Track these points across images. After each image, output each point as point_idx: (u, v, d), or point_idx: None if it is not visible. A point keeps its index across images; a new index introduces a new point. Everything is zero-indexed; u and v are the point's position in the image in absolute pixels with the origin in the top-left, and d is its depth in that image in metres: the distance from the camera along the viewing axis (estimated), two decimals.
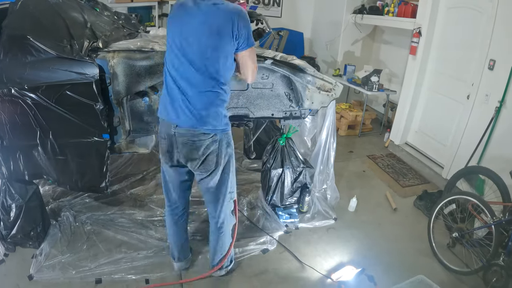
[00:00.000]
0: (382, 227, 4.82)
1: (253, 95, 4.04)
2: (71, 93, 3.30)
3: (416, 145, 6.82)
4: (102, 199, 4.78)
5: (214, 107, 2.93)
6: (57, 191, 4.83)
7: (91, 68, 3.24)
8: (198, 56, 2.80)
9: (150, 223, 4.47)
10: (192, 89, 2.87)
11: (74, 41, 3.29)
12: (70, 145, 3.56)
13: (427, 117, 6.54)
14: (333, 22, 9.16)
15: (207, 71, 2.83)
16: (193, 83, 2.86)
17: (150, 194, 5.01)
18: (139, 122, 3.74)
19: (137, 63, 3.46)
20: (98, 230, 4.28)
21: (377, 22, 8.03)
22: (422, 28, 6.17)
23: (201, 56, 2.80)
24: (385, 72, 8.11)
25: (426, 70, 6.41)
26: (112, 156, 4.54)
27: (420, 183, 6.03)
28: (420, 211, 5.20)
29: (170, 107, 2.96)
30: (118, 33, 4.06)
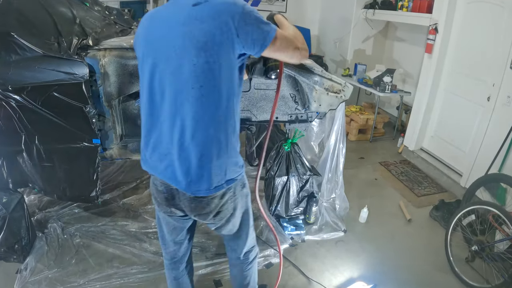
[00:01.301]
0: (396, 239, 4.80)
1: (255, 96, 4.04)
2: (59, 94, 3.30)
3: (432, 151, 6.81)
4: (92, 210, 4.77)
5: (225, 157, 2.31)
6: (44, 200, 4.83)
7: (80, 67, 3.24)
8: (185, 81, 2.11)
9: (144, 235, 4.46)
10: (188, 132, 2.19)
11: (62, 38, 3.29)
12: (57, 151, 3.55)
13: (444, 121, 6.52)
14: (342, 17, 9.16)
15: (206, 100, 2.12)
16: (187, 124, 2.17)
17: (144, 204, 5.00)
18: (132, 126, 3.73)
19: (130, 62, 3.45)
20: (88, 243, 4.27)
21: (390, 17, 8.01)
22: (439, 24, 6.15)
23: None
24: (399, 72, 8.09)
25: (443, 70, 6.40)
26: (103, 163, 4.54)
27: (436, 192, 6.01)
28: (436, 223, 5.18)
29: (157, 161, 2.38)
30: (110, 30, 4.05)
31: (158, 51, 2.14)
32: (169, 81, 2.13)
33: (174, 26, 2.07)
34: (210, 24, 2.00)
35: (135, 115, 3.71)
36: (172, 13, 2.14)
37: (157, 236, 4.34)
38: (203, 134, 2.16)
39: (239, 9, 2.03)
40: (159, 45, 2.13)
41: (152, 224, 4.59)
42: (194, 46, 2.02)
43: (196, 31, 2.02)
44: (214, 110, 2.14)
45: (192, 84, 2.07)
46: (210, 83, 2.08)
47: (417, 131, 6.92)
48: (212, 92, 2.10)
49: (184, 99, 2.11)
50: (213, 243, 4.37)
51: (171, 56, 2.08)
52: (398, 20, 7.74)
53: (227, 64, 2.08)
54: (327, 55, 10.00)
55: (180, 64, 2.07)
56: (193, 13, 2.04)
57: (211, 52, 2.02)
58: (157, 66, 2.15)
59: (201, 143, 2.18)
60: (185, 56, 2.04)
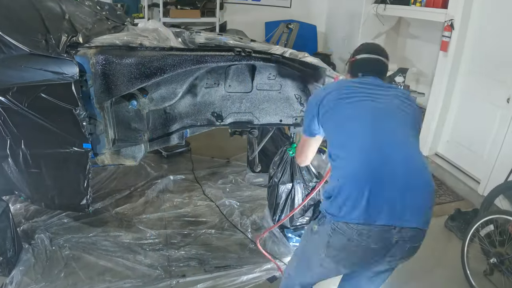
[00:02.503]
0: None
1: (258, 98, 4.04)
2: (47, 95, 3.29)
3: (448, 157, 6.79)
4: (82, 219, 4.76)
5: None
6: (31, 209, 4.82)
7: (70, 66, 3.23)
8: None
9: (139, 247, 4.45)
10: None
11: (50, 35, 3.28)
12: (45, 156, 3.55)
13: (461, 124, 6.51)
14: (351, 13, 9.17)
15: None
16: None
17: (138, 214, 5.00)
18: (126, 129, 3.74)
19: (123, 61, 3.44)
20: (78, 255, 4.26)
21: (403, 13, 8.00)
22: (455, 20, 6.13)
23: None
24: (412, 72, 8.08)
25: (459, 69, 6.38)
26: (95, 169, 4.54)
27: (452, 201, 5.99)
28: (452, 233, 5.16)
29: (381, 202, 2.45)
30: (101, 26, 4.06)
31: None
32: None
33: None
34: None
35: (128, 117, 3.71)
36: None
37: (152, 248, 4.36)
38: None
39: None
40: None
41: (147, 234, 4.59)
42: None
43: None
44: None
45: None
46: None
47: (431, 135, 6.91)
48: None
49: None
50: (212, 255, 4.37)
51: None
52: (411, 15, 7.74)
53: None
54: (335, 53, 10.02)
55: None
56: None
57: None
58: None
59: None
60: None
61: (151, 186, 5.58)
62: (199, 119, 4.17)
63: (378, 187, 2.39)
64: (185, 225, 4.85)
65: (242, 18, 10.00)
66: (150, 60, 3.44)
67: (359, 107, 2.67)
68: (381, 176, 2.43)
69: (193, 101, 4.07)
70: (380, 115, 2.63)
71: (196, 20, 9.39)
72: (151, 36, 3.66)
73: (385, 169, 2.44)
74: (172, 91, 3.81)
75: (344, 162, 2.58)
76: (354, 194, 2.39)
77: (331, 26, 10.39)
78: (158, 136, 4.09)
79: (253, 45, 4.12)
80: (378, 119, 2.60)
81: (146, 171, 5.97)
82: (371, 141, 2.52)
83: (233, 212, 5.11)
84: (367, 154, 2.49)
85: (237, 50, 3.65)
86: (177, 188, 5.65)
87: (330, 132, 2.77)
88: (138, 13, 9.12)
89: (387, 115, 2.65)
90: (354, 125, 2.60)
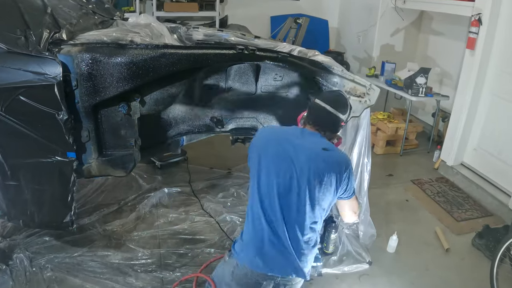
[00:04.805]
0: (431, 272, 4.77)
1: (263, 101, 4.03)
2: (26, 98, 3.29)
3: (475, 167, 6.77)
4: (66, 237, 4.74)
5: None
6: (8, 226, 4.80)
7: (52, 66, 3.22)
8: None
9: (129, 267, 4.44)
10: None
11: (30, 31, 3.28)
12: (24, 167, 3.55)
13: (490, 130, 6.50)
14: (367, 6, 9.19)
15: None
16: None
17: (129, 231, 4.99)
18: (115, 136, 3.73)
19: (112, 60, 3.44)
20: (62, 277, 4.24)
21: (425, 6, 8.02)
22: (483, 15, 6.12)
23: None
24: (435, 72, 8.09)
25: (487, 69, 6.37)
26: (80, 181, 4.52)
27: (480, 216, 5.97)
28: (480, 252, 5.14)
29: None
30: (88, 21, 4.05)
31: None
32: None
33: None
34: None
35: (118, 123, 3.70)
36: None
37: (144, 269, 4.35)
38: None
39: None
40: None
41: (138, 254, 4.58)
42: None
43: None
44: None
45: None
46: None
47: (456, 143, 6.88)
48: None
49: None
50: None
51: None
52: (434, 9, 7.75)
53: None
54: (348, 51, 10.03)
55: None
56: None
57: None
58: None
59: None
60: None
61: (143, 200, 5.57)
62: (196, 125, 4.17)
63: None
64: (181, 243, 4.83)
65: (245, 12, 10.00)
66: (142, 59, 3.44)
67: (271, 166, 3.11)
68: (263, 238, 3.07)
69: (190, 105, 4.06)
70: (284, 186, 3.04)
71: (193, 14, 9.40)
72: (143, 32, 3.66)
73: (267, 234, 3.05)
74: (167, 94, 3.80)
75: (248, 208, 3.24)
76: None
77: (344, 21, 10.41)
78: (151, 144, 4.08)
79: (257, 42, 4.12)
80: (281, 190, 3.04)
81: (137, 183, 5.96)
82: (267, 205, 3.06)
83: (235, 229, 5.10)
84: (259, 214, 3.08)
85: (239, 48, 3.65)
86: (172, 202, 5.64)
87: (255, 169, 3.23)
88: (128, 7, 9.10)
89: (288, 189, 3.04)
90: (264, 180, 3.10)
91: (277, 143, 3.14)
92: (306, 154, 3.01)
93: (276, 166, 3.03)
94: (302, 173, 2.97)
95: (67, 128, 3.37)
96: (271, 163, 3.07)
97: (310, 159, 3.00)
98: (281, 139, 3.16)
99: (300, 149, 3.04)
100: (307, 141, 3.10)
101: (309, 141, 3.10)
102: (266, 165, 3.09)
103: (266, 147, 3.17)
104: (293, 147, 3.05)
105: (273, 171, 3.03)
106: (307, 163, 2.98)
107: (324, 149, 3.05)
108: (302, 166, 2.98)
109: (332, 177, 2.99)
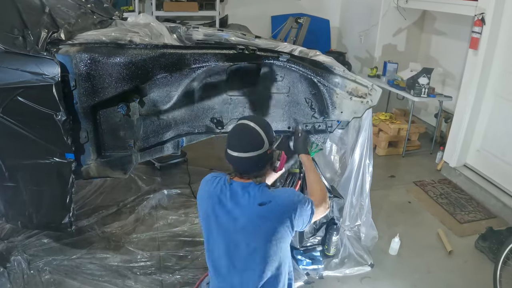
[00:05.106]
0: (433, 275, 4.77)
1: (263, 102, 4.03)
2: (24, 99, 3.28)
3: (478, 168, 6.77)
4: (65, 239, 4.75)
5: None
6: (6, 228, 4.81)
7: (50, 66, 3.22)
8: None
9: (128, 270, 4.44)
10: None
11: (28, 31, 3.28)
12: (22, 168, 3.55)
13: (493, 131, 6.49)
14: (369, 6, 9.19)
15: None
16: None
17: (128, 233, 4.99)
18: (114, 137, 3.72)
19: (111, 60, 3.44)
20: (60, 280, 4.25)
21: (427, 5, 8.02)
22: (486, 14, 6.12)
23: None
24: (438, 72, 8.09)
25: (491, 69, 6.37)
26: (78, 182, 4.52)
27: (483, 218, 5.98)
28: (483, 255, 5.14)
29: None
30: (86, 21, 4.05)
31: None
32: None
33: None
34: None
35: (117, 124, 3.69)
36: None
37: (143, 272, 4.34)
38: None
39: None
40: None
41: (137, 256, 4.58)
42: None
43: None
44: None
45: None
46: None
47: (459, 144, 6.88)
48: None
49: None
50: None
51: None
52: (437, 8, 7.75)
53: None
54: (350, 51, 10.03)
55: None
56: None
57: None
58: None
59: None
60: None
61: (142, 201, 5.58)
62: (196, 126, 4.16)
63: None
64: (180, 246, 4.84)
65: (245, 12, 10.02)
66: (141, 59, 3.45)
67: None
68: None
69: (190, 106, 4.05)
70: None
71: (193, 13, 9.40)
72: (142, 32, 3.66)
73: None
74: (166, 94, 3.79)
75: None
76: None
77: (346, 21, 10.41)
78: (150, 145, 4.07)
79: (258, 42, 4.12)
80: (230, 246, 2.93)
81: (136, 184, 5.97)
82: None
83: None
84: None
85: (239, 48, 3.65)
86: (172, 204, 5.65)
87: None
88: (127, 6, 9.11)
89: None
90: (214, 247, 3.01)
91: (213, 213, 2.92)
92: (246, 221, 2.83)
93: (220, 239, 2.92)
94: (248, 241, 2.84)
95: (66, 129, 3.37)
96: (216, 235, 2.95)
97: (252, 224, 2.83)
98: (216, 208, 2.91)
99: (236, 216, 2.86)
100: (240, 203, 2.88)
101: (242, 203, 2.87)
102: (212, 235, 2.97)
103: (207, 215, 2.97)
104: (230, 217, 2.87)
105: (221, 245, 2.92)
106: (250, 231, 2.84)
107: (261, 205, 2.83)
108: (246, 236, 2.84)
109: (282, 228, 2.81)
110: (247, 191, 2.87)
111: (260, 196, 2.84)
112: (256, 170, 2.92)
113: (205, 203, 2.97)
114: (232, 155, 2.86)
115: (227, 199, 2.88)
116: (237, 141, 2.89)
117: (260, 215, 2.80)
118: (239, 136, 2.93)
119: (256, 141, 2.86)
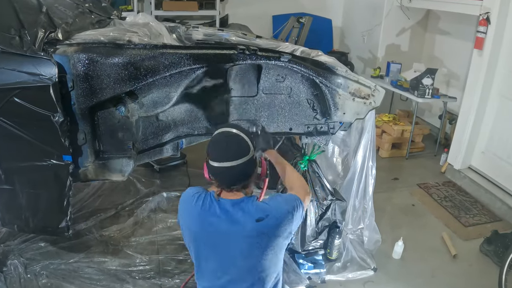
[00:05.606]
0: (438, 279, 4.76)
1: (264, 103, 4.03)
2: (21, 100, 3.28)
3: (483, 170, 6.77)
4: (62, 243, 4.75)
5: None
6: (2, 231, 4.81)
7: (48, 66, 3.22)
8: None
9: (127, 274, 4.44)
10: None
11: (24, 30, 3.28)
12: (19, 171, 3.55)
13: (498, 133, 6.49)
14: (372, 5, 9.19)
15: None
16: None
17: (126, 236, 4.99)
18: (112, 139, 3.72)
19: (109, 61, 3.43)
20: (57, 284, 4.25)
21: (431, 5, 8.01)
22: (491, 13, 6.11)
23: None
24: (442, 73, 8.09)
25: (496, 70, 6.36)
26: (76, 185, 4.52)
27: (488, 221, 5.97)
28: (488, 259, 5.13)
29: None
30: (84, 20, 4.05)
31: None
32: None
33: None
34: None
35: (115, 126, 3.68)
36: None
37: (142, 276, 4.34)
38: None
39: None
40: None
41: (136, 260, 4.58)
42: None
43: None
44: None
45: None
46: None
47: (464, 146, 6.87)
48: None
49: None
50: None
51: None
52: (441, 8, 7.74)
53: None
54: (352, 51, 10.03)
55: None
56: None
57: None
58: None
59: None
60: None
61: (141, 204, 5.58)
62: (196, 128, 4.15)
63: None
64: (180, 249, 4.82)
65: (246, 11, 10.00)
66: (140, 59, 3.45)
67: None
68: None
69: (190, 107, 4.05)
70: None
71: (193, 13, 9.39)
72: (141, 32, 3.66)
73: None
74: (166, 95, 3.79)
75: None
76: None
77: (348, 20, 10.41)
78: (149, 147, 4.07)
79: (259, 42, 4.12)
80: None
81: (135, 187, 5.97)
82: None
83: None
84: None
85: (240, 48, 3.65)
86: (171, 207, 5.62)
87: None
88: (126, 5, 9.12)
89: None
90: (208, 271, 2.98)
91: (204, 233, 2.88)
92: (243, 238, 2.79)
93: (214, 258, 2.89)
94: (246, 258, 2.82)
95: (63, 131, 3.36)
96: (208, 255, 2.92)
97: (251, 241, 2.79)
98: (207, 228, 2.86)
99: (232, 234, 2.81)
100: (234, 221, 2.81)
101: (237, 220, 2.81)
102: (202, 255, 2.95)
103: (196, 236, 2.95)
104: (225, 236, 2.82)
105: (215, 264, 2.90)
106: (248, 248, 2.80)
107: (258, 220, 2.78)
108: (244, 253, 2.81)
109: (281, 239, 2.85)
110: (240, 208, 2.82)
111: (255, 211, 2.80)
112: (244, 180, 2.87)
113: (193, 224, 2.92)
114: (218, 167, 2.79)
115: (219, 218, 2.82)
116: (223, 151, 2.82)
117: (259, 231, 2.77)
118: (225, 145, 2.85)
119: (242, 147, 2.82)
